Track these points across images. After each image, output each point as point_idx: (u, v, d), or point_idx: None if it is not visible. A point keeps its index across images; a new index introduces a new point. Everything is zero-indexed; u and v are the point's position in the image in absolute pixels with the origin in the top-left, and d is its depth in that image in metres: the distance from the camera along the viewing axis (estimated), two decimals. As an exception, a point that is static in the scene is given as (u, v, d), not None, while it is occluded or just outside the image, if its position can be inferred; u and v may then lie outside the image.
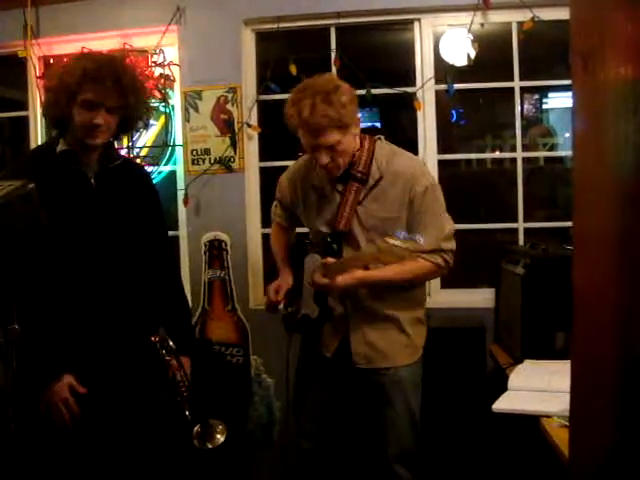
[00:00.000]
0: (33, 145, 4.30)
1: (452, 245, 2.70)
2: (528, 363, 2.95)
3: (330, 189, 2.74)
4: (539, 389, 2.61)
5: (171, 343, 2.38)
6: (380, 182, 2.65)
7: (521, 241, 3.95)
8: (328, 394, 2.92)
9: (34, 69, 4.26)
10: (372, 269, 2.59)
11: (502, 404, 2.56)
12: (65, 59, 2.46)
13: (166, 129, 4.17)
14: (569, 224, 3.89)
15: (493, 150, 4.41)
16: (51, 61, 4.25)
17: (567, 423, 2.24)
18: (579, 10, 1.31)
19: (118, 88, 2.31)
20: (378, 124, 4.66)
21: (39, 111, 4.29)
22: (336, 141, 2.51)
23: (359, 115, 2.66)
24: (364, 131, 2.75)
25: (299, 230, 3.16)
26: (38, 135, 4.32)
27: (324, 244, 2.73)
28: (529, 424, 2.44)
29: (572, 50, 1.31)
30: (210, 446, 2.49)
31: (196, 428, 2.47)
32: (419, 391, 2.84)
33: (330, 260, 2.60)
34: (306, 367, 2.98)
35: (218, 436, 2.50)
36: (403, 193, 2.62)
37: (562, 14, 3.68)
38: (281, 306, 2.94)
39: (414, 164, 2.73)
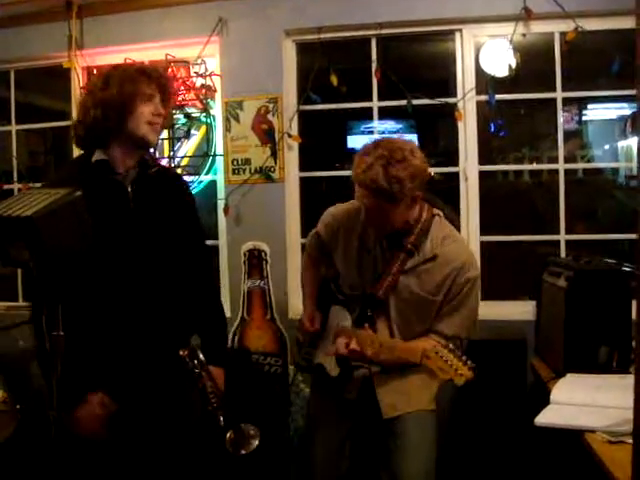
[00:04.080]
0: (76, 154, 4.36)
1: (469, 335, 2.67)
2: (571, 377, 2.91)
3: (375, 247, 2.66)
4: (582, 403, 2.57)
5: (201, 355, 2.37)
6: (430, 262, 2.58)
7: (562, 253, 3.90)
8: (341, 438, 2.82)
9: (78, 80, 4.34)
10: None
11: (545, 418, 2.52)
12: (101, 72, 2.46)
13: (207, 139, 4.20)
14: (611, 237, 3.88)
15: (530, 161, 4.38)
16: (94, 72, 4.31)
17: (612, 439, 2.23)
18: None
19: (164, 83, 2.39)
20: (415, 135, 4.65)
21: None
22: (379, 208, 2.45)
23: (420, 191, 2.48)
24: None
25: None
26: (81, 144, 4.37)
27: (358, 306, 2.69)
28: (572, 439, 2.41)
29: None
30: (244, 452, 2.47)
31: (228, 434, 2.44)
32: (436, 429, 2.72)
33: (364, 333, 2.55)
34: (319, 410, 2.91)
35: (252, 441, 2.47)
36: (446, 278, 2.55)
37: (605, 24, 3.68)
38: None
39: (465, 255, 2.62)
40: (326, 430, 2.84)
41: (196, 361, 2.35)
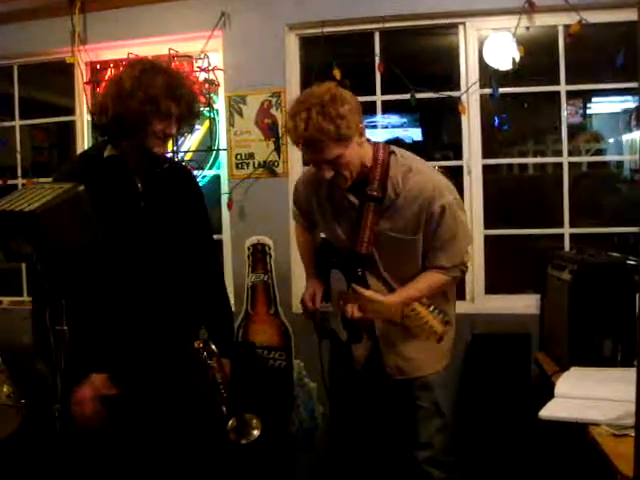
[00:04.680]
0: (80, 150, 4.36)
1: (467, 257, 2.68)
2: (575, 370, 2.91)
3: (345, 203, 2.63)
4: (587, 397, 2.56)
5: (213, 347, 2.40)
6: (396, 202, 2.54)
7: (567, 247, 3.89)
8: (362, 406, 2.91)
9: (81, 75, 4.34)
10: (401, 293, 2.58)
11: (549, 411, 2.52)
12: (127, 66, 2.42)
13: (210, 133, 4.20)
14: (615, 230, 3.87)
15: (535, 155, 4.37)
16: (98, 67, 4.31)
17: (616, 432, 2.22)
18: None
19: (185, 103, 2.36)
20: (419, 129, 4.65)
21: (86, 116, 4.37)
22: (336, 155, 2.38)
23: (362, 124, 2.48)
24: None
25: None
26: (85, 140, 4.39)
27: (348, 268, 2.69)
28: (576, 432, 2.41)
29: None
30: (245, 441, 2.50)
31: (231, 422, 2.48)
32: (448, 393, 2.83)
33: (359, 293, 2.56)
34: (338, 380, 2.98)
35: (253, 431, 2.51)
36: (419, 213, 2.51)
37: (609, 17, 3.66)
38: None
39: (431, 183, 2.54)
40: (348, 399, 2.92)
41: (207, 353, 2.38)
